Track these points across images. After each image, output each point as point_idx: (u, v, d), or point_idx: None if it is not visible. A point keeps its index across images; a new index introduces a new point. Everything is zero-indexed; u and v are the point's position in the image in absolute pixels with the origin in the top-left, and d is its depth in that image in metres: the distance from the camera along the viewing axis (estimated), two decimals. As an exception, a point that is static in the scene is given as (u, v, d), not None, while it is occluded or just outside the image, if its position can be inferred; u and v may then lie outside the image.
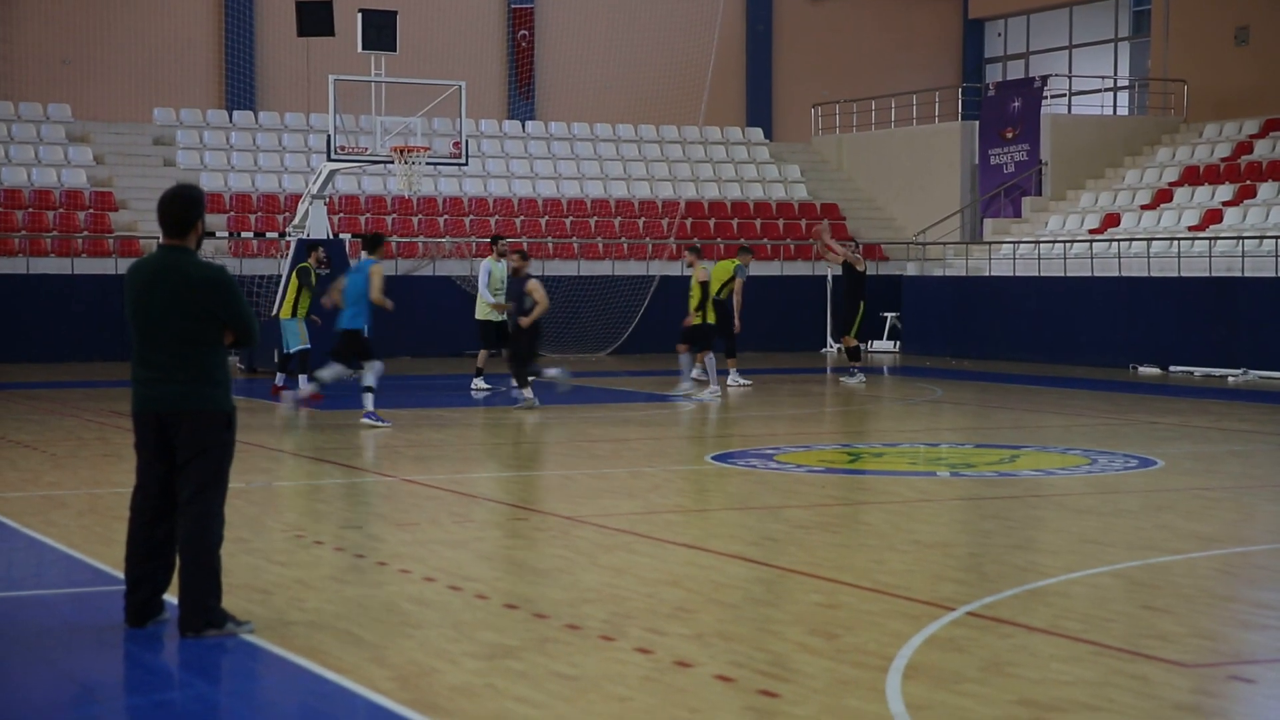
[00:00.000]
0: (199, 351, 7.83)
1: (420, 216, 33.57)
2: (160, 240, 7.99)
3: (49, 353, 29.16)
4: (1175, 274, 28.33)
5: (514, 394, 20.20)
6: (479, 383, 22.76)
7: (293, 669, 7.22)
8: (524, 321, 19.74)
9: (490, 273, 22.64)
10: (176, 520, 7.85)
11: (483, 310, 22.56)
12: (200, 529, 7.75)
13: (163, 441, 7.86)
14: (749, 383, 23.62)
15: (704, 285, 22.01)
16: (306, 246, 23.28)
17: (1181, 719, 6.48)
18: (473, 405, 21.08)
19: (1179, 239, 29.32)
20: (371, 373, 17.99)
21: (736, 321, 23.33)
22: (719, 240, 34.89)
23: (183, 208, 7.87)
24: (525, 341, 19.85)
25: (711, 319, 22.12)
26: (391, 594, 8.72)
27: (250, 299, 26.29)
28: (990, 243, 33.53)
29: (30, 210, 31.01)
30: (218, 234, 29.89)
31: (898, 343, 33.52)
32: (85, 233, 30.78)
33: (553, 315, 31.31)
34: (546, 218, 34.64)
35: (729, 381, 23.40)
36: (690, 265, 22.40)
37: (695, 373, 23.37)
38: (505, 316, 21.58)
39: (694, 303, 21.97)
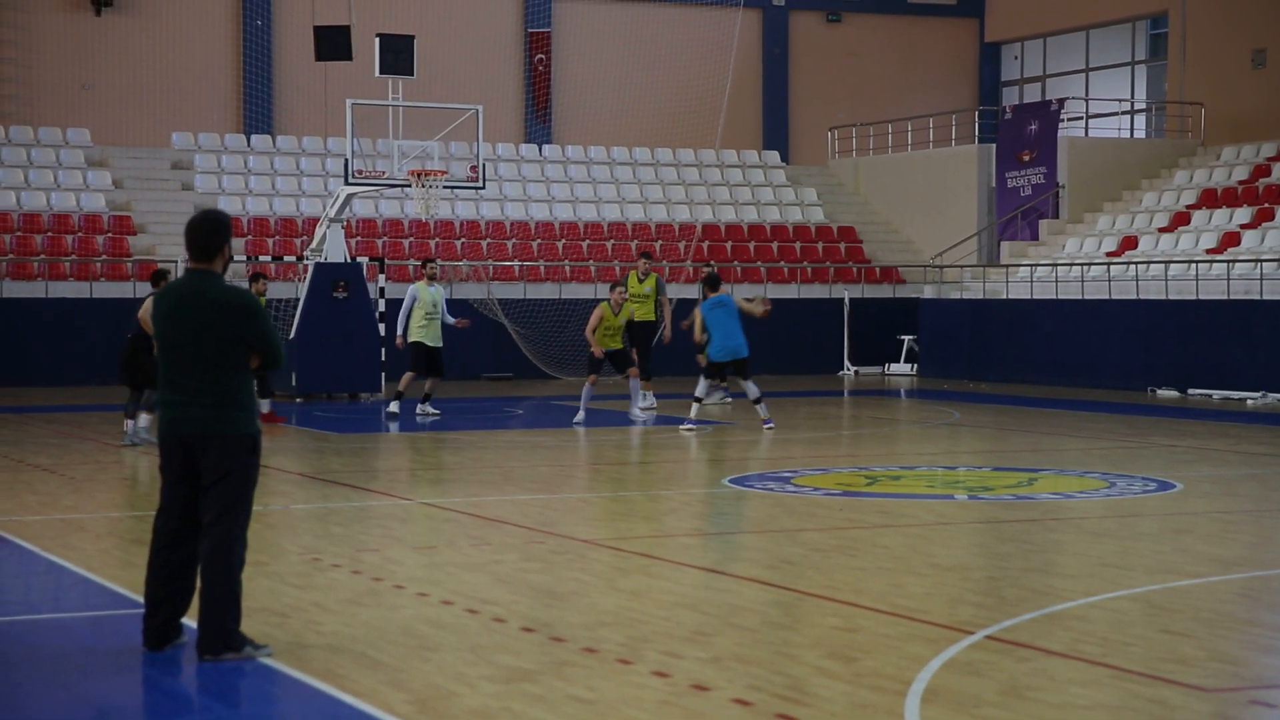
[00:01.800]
0: (225, 375, 7.85)
1: (437, 240, 33.63)
2: (187, 265, 8.03)
3: (68, 376, 29.23)
4: (1193, 297, 28.27)
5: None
6: (426, 408, 22.10)
7: (310, 692, 7.21)
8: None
9: (417, 297, 21.80)
10: (198, 543, 7.87)
11: (415, 333, 21.84)
12: (223, 552, 7.77)
13: (188, 464, 7.89)
14: (654, 407, 22.88)
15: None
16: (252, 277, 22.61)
17: (1202, 743, 6.45)
18: (489, 428, 21.07)
19: (1197, 262, 29.27)
20: (754, 387, 20.09)
21: (667, 331, 23.54)
22: (735, 263, 34.91)
23: (209, 233, 7.92)
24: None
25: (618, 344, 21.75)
26: (409, 617, 8.72)
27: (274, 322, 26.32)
28: (1008, 265, 33.49)
29: (49, 234, 31.14)
30: (234, 258, 29.97)
31: (915, 365, 33.47)
32: (104, 256, 30.88)
33: (569, 339, 31.38)
34: (563, 241, 34.68)
35: (645, 405, 22.67)
36: (621, 294, 21.61)
37: (648, 400, 22.83)
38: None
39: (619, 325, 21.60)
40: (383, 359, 26.00)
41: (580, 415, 21.10)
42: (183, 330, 7.85)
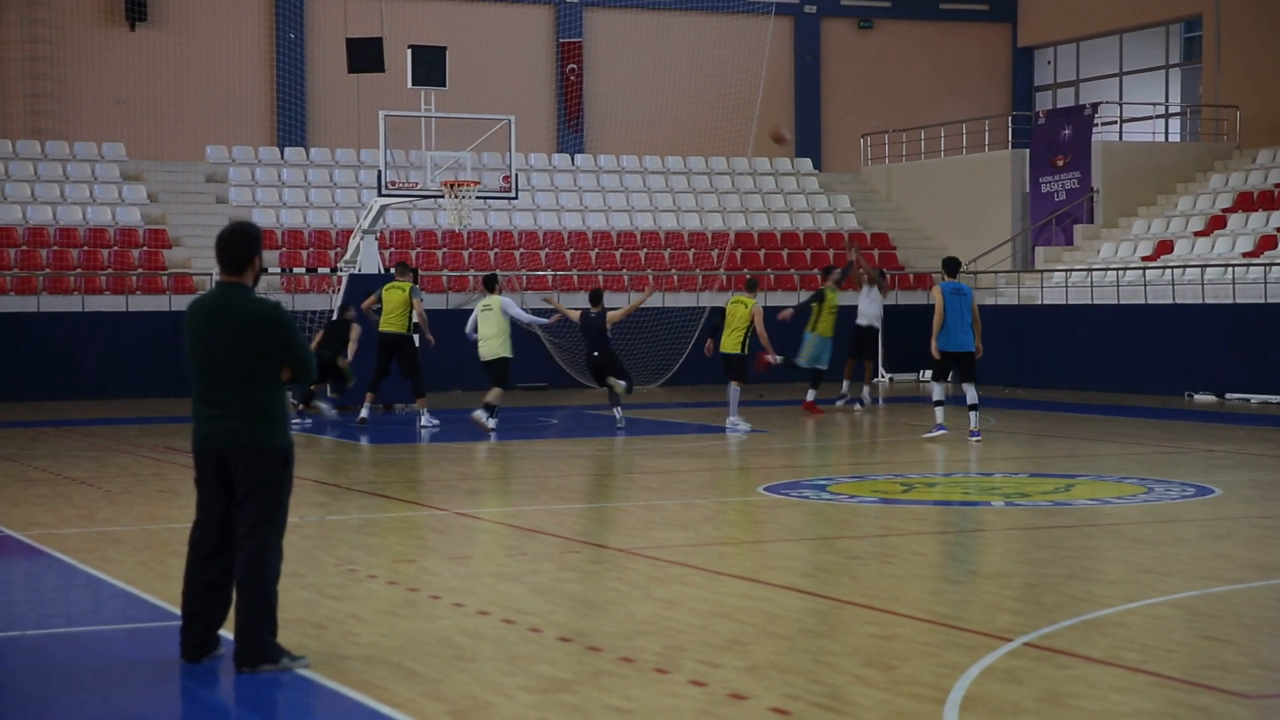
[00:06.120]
0: (257, 388, 7.88)
1: (470, 250, 33.70)
2: (218, 277, 8.06)
3: (104, 389, 29.36)
4: (1230, 300, 28.11)
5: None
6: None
7: (347, 703, 7.22)
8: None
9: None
10: (234, 556, 7.89)
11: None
12: (257, 564, 7.78)
13: (222, 477, 7.92)
14: (437, 423, 22.29)
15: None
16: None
17: (1244, 751, 6.40)
18: (525, 438, 21.08)
19: (1233, 265, 29.10)
20: (973, 391, 20.62)
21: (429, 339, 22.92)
22: (769, 271, 34.86)
23: (240, 245, 7.94)
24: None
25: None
26: (445, 628, 8.72)
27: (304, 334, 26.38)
28: (1042, 271, 33.37)
29: (85, 248, 31.31)
30: (269, 270, 30.06)
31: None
32: (139, 270, 31.03)
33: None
34: (596, 250, 34.71)
35: (423, 423, 22.04)
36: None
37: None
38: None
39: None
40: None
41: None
42: (213, 343, 7.87)
